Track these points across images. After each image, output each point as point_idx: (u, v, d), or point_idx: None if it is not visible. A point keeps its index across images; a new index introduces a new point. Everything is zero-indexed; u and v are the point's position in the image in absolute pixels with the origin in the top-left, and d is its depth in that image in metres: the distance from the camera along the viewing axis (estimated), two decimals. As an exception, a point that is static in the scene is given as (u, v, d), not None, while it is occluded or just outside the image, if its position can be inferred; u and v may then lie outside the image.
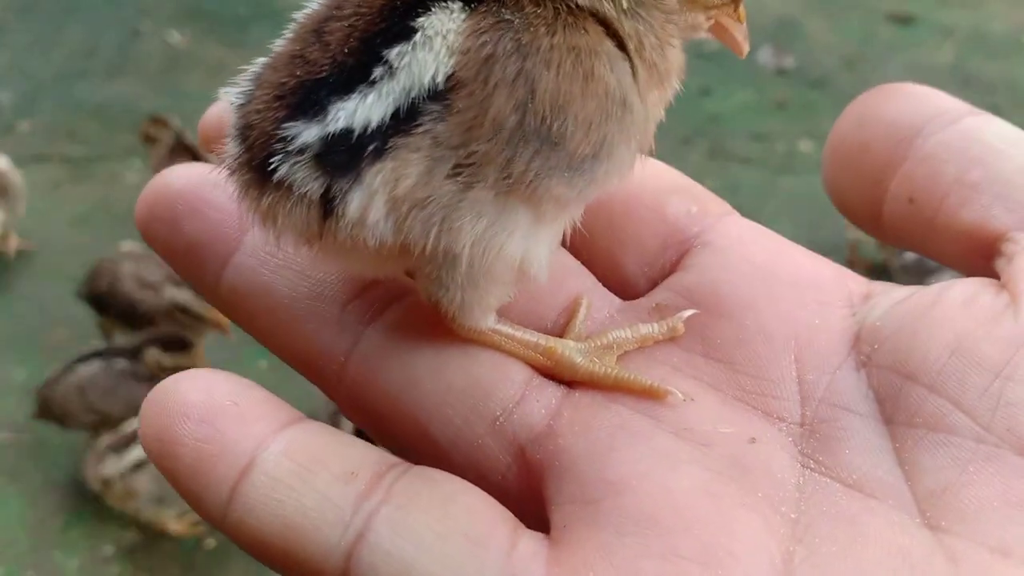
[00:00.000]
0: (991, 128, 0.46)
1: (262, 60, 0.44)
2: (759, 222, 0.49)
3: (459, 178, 0.41)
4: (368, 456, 0.41)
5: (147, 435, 0.41)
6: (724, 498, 0.39)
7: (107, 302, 2.25)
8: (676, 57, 0.45)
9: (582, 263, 0.49)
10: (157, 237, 0.48)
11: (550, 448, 0.41)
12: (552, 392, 0.44)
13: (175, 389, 0.41)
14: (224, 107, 0.48)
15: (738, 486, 0.40)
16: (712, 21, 0.47)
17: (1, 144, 2.91)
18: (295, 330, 0.45)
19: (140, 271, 2.25)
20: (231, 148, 0.43)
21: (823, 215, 2.43)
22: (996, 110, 0.46)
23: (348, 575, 0.38)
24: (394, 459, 0.41)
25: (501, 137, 0.40)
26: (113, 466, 1.88)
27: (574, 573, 0.37)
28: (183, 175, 0.49)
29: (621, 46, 0.43)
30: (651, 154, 0.46)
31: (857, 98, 0.49)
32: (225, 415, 0.40)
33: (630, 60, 0.43)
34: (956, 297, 0.43)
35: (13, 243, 2.59)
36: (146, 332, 2.17)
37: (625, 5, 0.43)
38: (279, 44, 0.44)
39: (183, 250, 0.48)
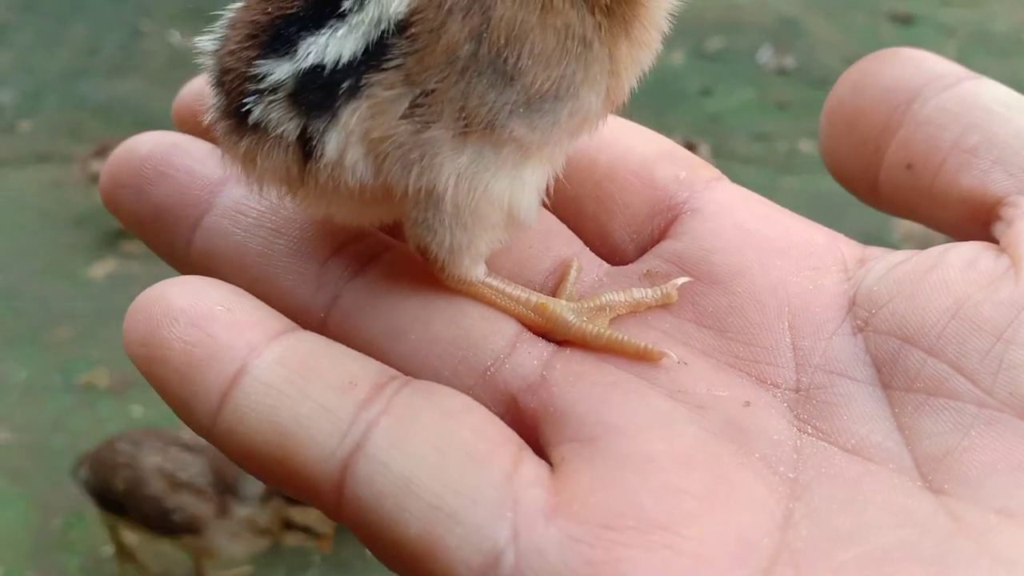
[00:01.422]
0: (989, 92, 0.45)
1: (236, 4, 0.42)
2: (760, 222, 0.48)
3: (415, 117, 0.39)
4: (367, 367, 0.40)
5: (132, 341, 0.39)
6: (723, 457, 0.38)
7: (128, 506, 1.74)
8: (641, 2, 0.42)
9: (569, 229, 0.48)
10: (123, 205, 0.47)
11: (543, 396, 0.40)
12: (543, 346, 0.43)
13: (162, 294, 0.40)
14: (198, 85, 0.46)
15: (736, 446, 0.39)
16: None
17: (3, 143, 2.91)
18: (271, 288, 0.43)
19: (168, 465, 1.73)
20: (211, 97, 0.42)
21: (825, 215, 2.42)
22: (998, 110, 0.46)
23: (343, 486, 0.37)
24: (393, 371, 0.40)
25: (455, 68, 0.38)
26: None
27: (575, 500, 0.36)
28: (149, 140, 0.48)
29: None
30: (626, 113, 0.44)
31: (853, 64, 0.48)
32: (216, 320, 0.39)
33: (587, 3, 0.40)
34: (955, 260, 0.42)
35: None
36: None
37: None
38: None
39: (151, 216, 0.46)
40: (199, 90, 0.46)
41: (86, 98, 3.22)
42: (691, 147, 2.42)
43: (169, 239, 0.46)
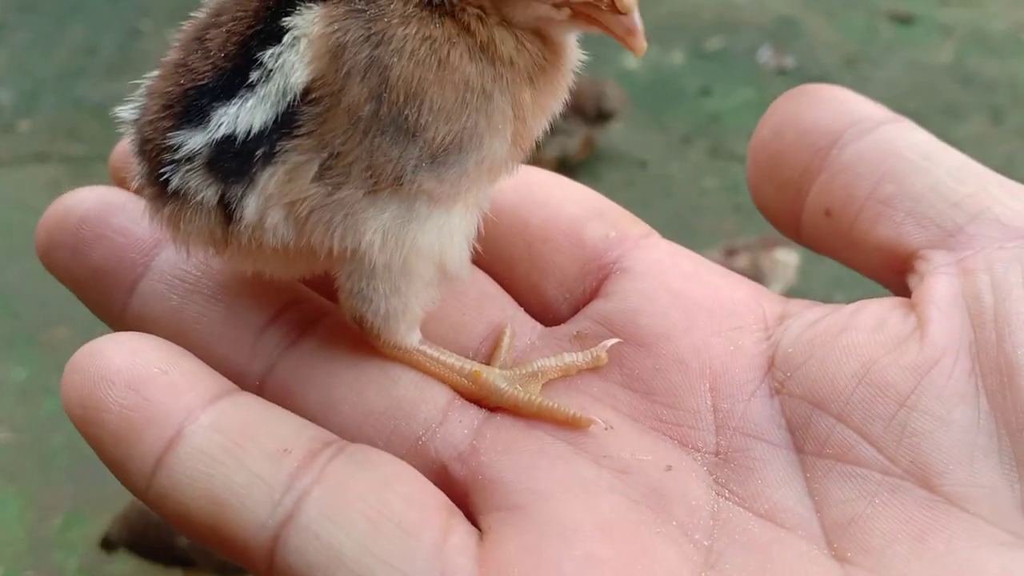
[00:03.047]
0: (906, 139, 0.45)
1: (153, 73, 0.44)
2: (759, 222, 0.48)
3: (325, 179, 0.40)
4: (302, 432, 0.40)
5: (70, 400, 0.40)
6: (641, 525, 0.39)
7: (197, 559, 1.67)
8: (543, 53, 0.42)
9: (503, 289, 0.49)
10: (59, 264, 0.47)
11: (473, 465, 0.42)
12: (474, 414, 0.44)
13: (100, 352, 0.40)
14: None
15: (655, 514, 0.40)
16: (568, 12, 0.41)
17: (1, 143, 2.90)
18: (207, 355, 0.43)
19: None
20: (135, 166, 0.43)
21: (823, 214, 2.41)
22: (997, 109, 0.46)
23: (274, 555, 0.37)
24: (330, 436, 0.41)
25: (358, 129, 0.39)
26: None
27: (500, 570, 0.37)
28: (86, 199, 0.48)
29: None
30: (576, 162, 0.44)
31: (776, 100, 0.48)
32: (153, 382, 0.39)
33: (487, 56, 0.41)
34: (865, 322, 0.42)
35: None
36: None
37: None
38: (167, 54, 0.43)
39: (87, 277, 0.47)
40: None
41: (85, 98, 3.22)
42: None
43: (106, 301, 0.47)
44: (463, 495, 0.41)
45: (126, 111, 0.44)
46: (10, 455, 2.07)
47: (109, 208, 0.47)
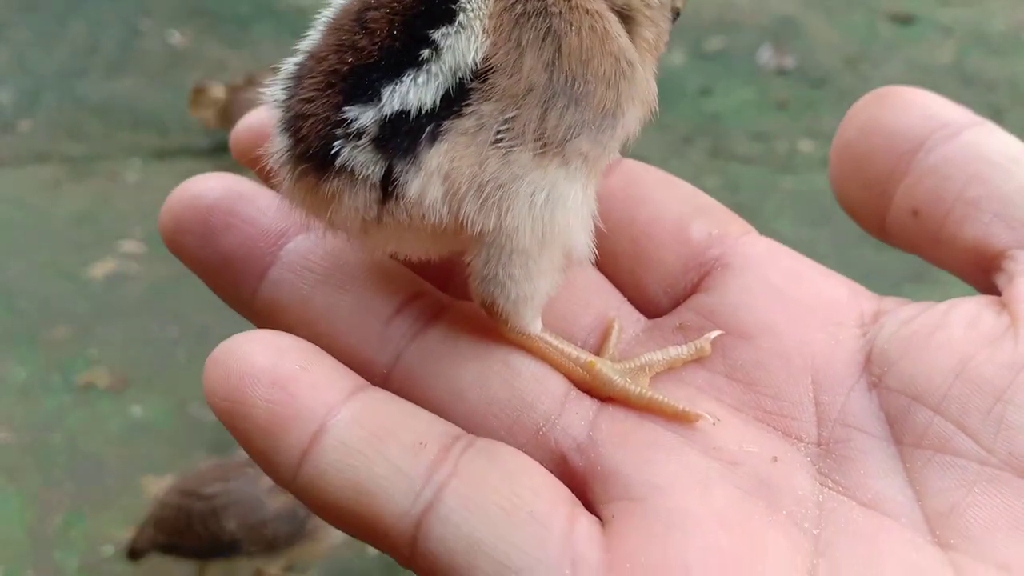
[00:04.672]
0: (992, 142, 0.47)
1: (295, 59, 0.45)
2: (760, 221, 0.49)
3: (500, 144, 0.42)
4: (434, 426, 0.43)
5: (214, 394, 0.42)
6: (754, 515, 0.41)
7: (246, 540, 1.67)
8: (664, 32, 0.48)
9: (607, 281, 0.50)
10: (186, 249, 0.49)
11: (591, 456, 0.43)
12: (588, 404, 0.45)
13: (242, 350, 0.42)
14: (256, 117, 0.49)
15: (765, 504, 0.41)
16: None
17: (2, 142, 2.91)
18: (335, 344, 0.45)
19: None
20: (279, 142, 0.44)
21: (823, 214, 2.43)
22: (997, 108, 0.46)
23: (416, 541, 0.40)
24: (458, 430, 0.43)
25: (533, 96, 0.42)
26: None
27: (627, 558, 0.39)
28: (213, 187, 0.49)
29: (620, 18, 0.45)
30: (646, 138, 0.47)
31: (859, 102, 0.50)
32: (296, 380, 0.41)
33: (628, 32, 0.45)
34: (959, 319, 0.44)
35: None
36: None
37: None
38: (311, 40, 0.45)
39: (217, 264, 0.48)
40: (255, 125, 0.49)
41: (85, 97, 3.23)
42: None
43: (235, 287, 0.48)
44: (582, 484, 0.43)
45: (274, 90, 0.44)
46: (10, 455, 2.07)
47: (238, 197, 0.49)
